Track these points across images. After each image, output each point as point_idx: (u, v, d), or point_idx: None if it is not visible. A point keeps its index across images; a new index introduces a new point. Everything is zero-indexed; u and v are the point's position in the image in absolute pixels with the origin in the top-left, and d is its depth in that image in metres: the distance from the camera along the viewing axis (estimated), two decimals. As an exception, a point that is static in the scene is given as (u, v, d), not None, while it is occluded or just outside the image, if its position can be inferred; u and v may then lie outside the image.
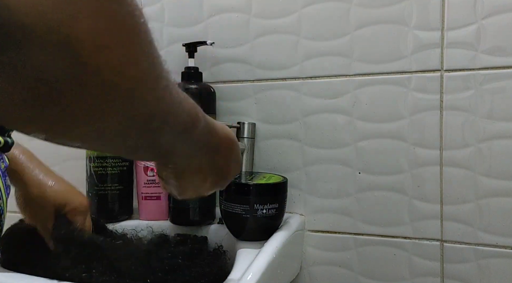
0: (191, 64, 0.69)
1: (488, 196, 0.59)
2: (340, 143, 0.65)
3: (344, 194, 0.66)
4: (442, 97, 0.60)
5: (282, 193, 0.61)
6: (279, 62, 0.68)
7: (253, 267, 0.50)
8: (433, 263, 0.62)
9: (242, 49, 0.70)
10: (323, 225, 0.67)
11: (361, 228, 0.65)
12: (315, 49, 0.66)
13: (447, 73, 0.60)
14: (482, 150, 0.59)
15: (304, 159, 0.68)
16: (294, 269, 0.67)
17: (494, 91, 0.58)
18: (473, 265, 0.60)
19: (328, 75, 0.65)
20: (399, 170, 0.63)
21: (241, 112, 0.71)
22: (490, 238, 0.59)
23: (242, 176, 0.64)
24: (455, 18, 0.59)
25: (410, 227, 0.63)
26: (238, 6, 0.70)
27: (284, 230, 0.61)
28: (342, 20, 0.64)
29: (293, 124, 0.68)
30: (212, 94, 0.69)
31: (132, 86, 0.22)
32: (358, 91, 0.64)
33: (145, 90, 0.23)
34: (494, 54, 0.57)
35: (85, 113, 0.21)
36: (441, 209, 0.61)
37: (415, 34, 0.61)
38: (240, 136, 0.69)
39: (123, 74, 0.21)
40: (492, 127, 0.58)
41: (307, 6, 0.66)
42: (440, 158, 0.61)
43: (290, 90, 0.68)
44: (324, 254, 0.68)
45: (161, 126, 0.26)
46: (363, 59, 0.63)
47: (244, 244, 0.58)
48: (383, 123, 0.63)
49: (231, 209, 0.59)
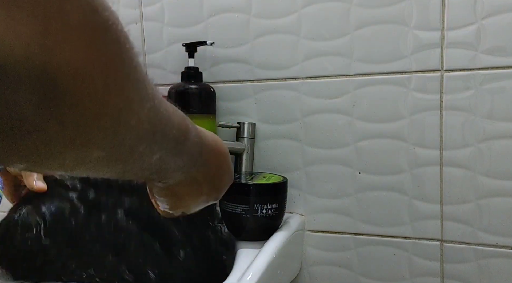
0: (191, 64, 0.69)
1: (488, 196, 0.59)
2: (340, 143, 0.65)
3: (344, 194, 0.66)
4: (442, 97, 0.60)
5: (282, 193, 0.61)
6: (279, 62, 0.68)
7: (253, 267, 0.50)
8: (433, 263, 0.62)
9: (242, 49, 0.70)
10: (323, 225, 0.67)
11: (361, 228, 0.65)
12: (315, 49, 0.66)
13: (447, 73, 0.60)
14: (482, 150, 0.59)
15: (304, 159, 0.68)
16: (294, 269, 0.67)
17: (494, 91, 0.58)
18: (473, 265, 0.60)
19: (328, 75, 0.65)
20: (399, 170, 0.63)
21: (241, 112, 0.71)
22: (490, 238, 0.59)
23: (242, 176, 0.64)
24: (455, 18, 0.59)
25: (410, 227, 0.63)
26: (238, 6, 0.70)
27: (284, 230, 0.61)
28: (342, 20, 0.64)
29: (293, 124, 0.68)
30: (212, 94, 0.69)
31: (116, 114, 0.21)
32: (358, 91, 0.64)
33: (129, 115, 0.22)
34: (494, 54, 0.57)
35: (65, 145, 0.20)
36: (441, 209, 0.61)
37: (415, 34, 0.61)
38: (240, 136, 0.69)
39: (106, 103, 0.20)
40: (492, 127, 0.58)
41: (307, 6, 0.66)
42: (440, 158, 0.61)
43: (290, 90, 0.68)
44: (324, 254, 0.68)
45: (149, 147, 0.25)
46: (363, 59, 0.63)
47: (244, 244, 0.58)
48: (383, 123, 0.63)
49: (231, 209, 0.59)
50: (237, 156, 0.68)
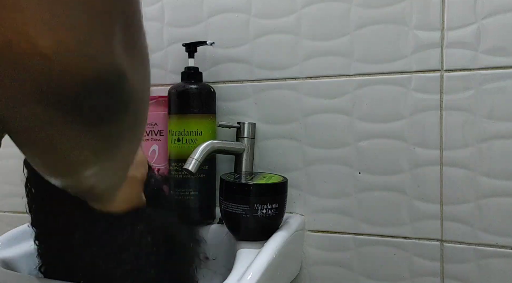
0: (191, 64, 0.69)
1: (488, 196, 0.59)
2: (340, 143, 0.65)
3: (344, 194, 0.66)
4: (442, 97, 0.60)
5: (282, 193, 0.61)
6: (279, 62, 0.68)
7: (253, 267, 0.50)
8: (433, 263, 0.62)
9: (242, 49, 0.70)
10: (323, 225, 0.67)
11: (361, 228, 0.65)
12: (315, 49, 0.66)
13: (447, 73, 0.60)
14: (482, 150, 0.59)
15: (304, 159, 0.68)
16: (294, 269, 0.67)
17: (494, 91, 0.58)
18: (473, 265, 0.60)
19: (328, 75, 0.65)
20: (399, 170, 0.63)
21: (241, 112, 0.71)
22: (490, 238, 0.59)
23: (242, 176, 0.64)
24: (455, 18, 0.59)
25: (410, 227, 0.63)
26: (238, 6, 0.70)
27: (284, 230, 0.61)
28: (342, 20, 0.64)
29: (293, 124, 0.68)
30: (212, 94, 0.69)
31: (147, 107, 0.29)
32: (358, 91, 0.64)
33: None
34: (494, 54, 0.57)
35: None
36: (441, 209, 0.61)
37: (415, 34, 0.61)
38: (240, 136, 0.69)
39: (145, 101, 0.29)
40: (492, 127, 0.58)
41: (307, 6, 0.66)
42: (440, 158, 0.61)
43: (290, 90, 0.68)
44: (324, 254, 0.68)
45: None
46: (363, 59, 0.63)
47: (244, 244, 0.58)
48: (383, 123, 0.63)
49: (231, 209, 0.59)
50: (237, 156, 0.68)
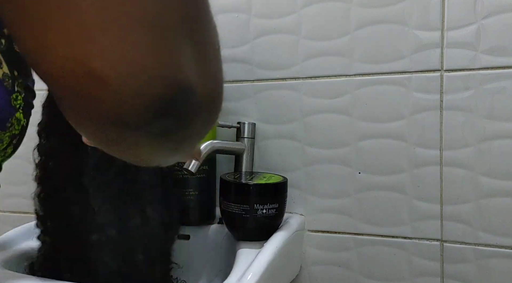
0: (191, 64, 0.69)
1: (488, 196, 0.59)
2: (340, 143, 0.65)
3: (344, 194, 0.66)
4: (442, 97, 0.60)
5: (282, 193, 0.61)
6: (279, 62, 0.68)
7: (253, 267, 0.50)
8: (433, 263, 0.62)
9: (242, 49, 0.70)
10: (323, 225, 0.67)
11: (361, 228, 0.65)
12: (315, 49, 0.66)
13: (447, 73, 0.60)
14: (482, 150, 0.59)
15: (304, 159, 0.68)
16: (294, 269, 0.67)
17: (494, 91, 0.58)
18: (473, 265, 0.60)
19: (328, 75, 0.65)
20: (399, 170, 0.63)
21: (241, 112, 0.71)
22: (490, 238, 0.59)
23: (242, 176, 0.64)
24: (455, 18, 0.59)
25: (410, 227, 0.63)
26: (238, 6, 0.70)
27: (284, 230, 0.61)
28: (342, 20, 0.64)
29: (293, 124, 0.68)
30: (212, 94, 0.69)
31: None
32: (358, 91, 0.64)
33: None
34: (494, 54, 0.57)
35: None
36: (441, 209, 0.61)
37: (415, 34, 0.61)
38: (240, 136, 0.69)
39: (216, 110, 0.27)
40: (492, 127, 0.58)
41: (307, 6, 0.66)
42: (440, 158, 0.61)
43: (290, 90, 0.68)
44: (324, 254, 0.68)
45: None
46: (363, 59, 0.63)
47: (244, 244, 0.58)
48: (383, 123, 0.63)
49: (231, 209, 0.59)
50: (237, 156, 0.68)
